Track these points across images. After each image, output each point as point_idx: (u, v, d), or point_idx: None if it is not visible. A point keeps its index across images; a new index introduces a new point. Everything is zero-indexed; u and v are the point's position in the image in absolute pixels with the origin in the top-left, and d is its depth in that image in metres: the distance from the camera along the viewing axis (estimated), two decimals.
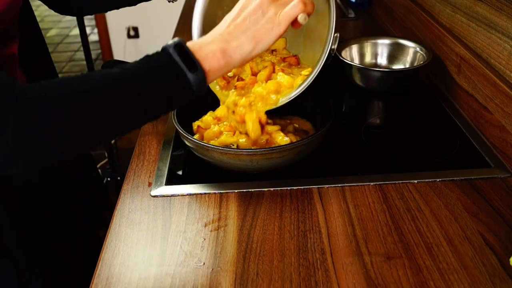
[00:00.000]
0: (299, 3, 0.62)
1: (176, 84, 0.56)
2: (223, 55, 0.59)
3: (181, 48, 0.56)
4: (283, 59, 0.82)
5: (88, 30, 3.70)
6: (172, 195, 0.76)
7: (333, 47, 0.73)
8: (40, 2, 0.89)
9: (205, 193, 0.76)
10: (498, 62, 0.85)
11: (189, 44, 0.58)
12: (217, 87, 0.81)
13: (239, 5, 0.63)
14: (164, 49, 0.56)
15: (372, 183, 0.77)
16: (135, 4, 0.95)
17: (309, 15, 0.64)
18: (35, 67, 0.84)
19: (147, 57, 0.56)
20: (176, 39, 0.57)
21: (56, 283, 0.88)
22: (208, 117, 0.85)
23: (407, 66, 1.12)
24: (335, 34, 0.72)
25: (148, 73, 0.55)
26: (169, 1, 1.08)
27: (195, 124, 0.86)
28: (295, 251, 0.65)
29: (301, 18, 0.63)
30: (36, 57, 0.85)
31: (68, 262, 0.92)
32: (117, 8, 0.96)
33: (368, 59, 1.16)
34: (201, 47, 0.58)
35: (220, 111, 0.84)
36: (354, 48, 1.15)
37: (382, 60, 1.16)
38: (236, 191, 0.76)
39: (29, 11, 0.83)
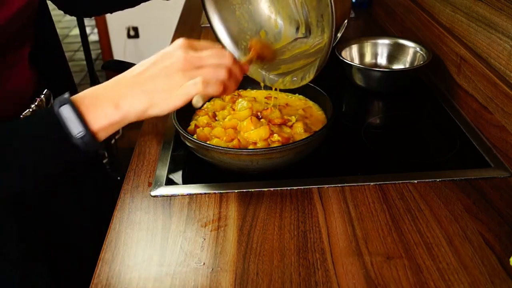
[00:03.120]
0: (199, 83, 0.57)
1: (63, 149, 0.55)
2: (115, 111, 0.56)
3: (68, 109, 0.54)
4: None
5: (88, 30, 3.70)
6: (172, 195, 0.76)
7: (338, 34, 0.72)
8: None
9: (205, 193, 0.76)
10: (498, 62, 0.85)
11: (80, 97, 0.56)
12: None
13: (153, 58, 0.59)
14: (52, 110, 0.55)
15: (372, 183, 0.77)
16: (137, 5, 0.96)
17: (218, 95, 0.60)
18: (50, 69, 0.84)
19: (36, 117, 0.57)
20: (65, 96, 0.55)
21: (59, 284, 0.88)
22: (203, 118, 0.86)
23: (407, 66, 1.12)
24: (344, 22, 0.71)
25: (32, 138, 0.55)
26: None
27: (192, 124, 0.86)
28: (295, 251, 0.65)
29: (194, 100, 0.58)
30: (51, 59, 0.85)
31: (72, 263, 0.92)
32: (121, 10, 0.96)
33: (368, 59, 1.16)
34: (93, 102, 0.56)
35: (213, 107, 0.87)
36: (354, 48, 1.15)
37: (382, 60, 1.16)
38: (236, 191, 0.76)
39: (46, 15, 0.83)
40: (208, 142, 0.76)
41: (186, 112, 0.88)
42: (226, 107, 0.89)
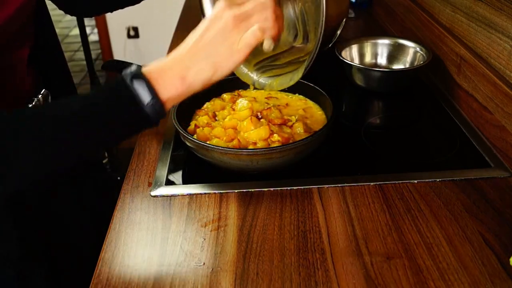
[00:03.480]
0: (257, 31, 0.59)
1: (134, 116, 0.57)
2: (182, 82, 0.58)
3: (138, 78, 0.56)
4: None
5: (88, 30, 3.69)
6: (172, 195, 0.76)
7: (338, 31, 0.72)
8: None
9: (205, 193, 0.76)
10: (498, 62, 0.85)
11: (147, 71, 0.58)
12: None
13: (203, 26, 0.61)
14: (122, 80, 0.56)
15: (372, 183, 0.77)
16: (137, 3, 0.96)
17: (275, 38, 0.62)
18: (49, 69, 0.84)
19: (106, 87, 0.58)
20: (134, 67, 0.57)
21: (59, 284, 0.88)
22: (203, 118, 0.86)
23: (407, 66, 1.12)
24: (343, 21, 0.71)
25: (105, 107, 0.57)
26: None
27: (192, 124, 0.86)
28: (295, 251, 0.65)
29: (265, 45, 0.61)
30: (51, 59, 0.85)
31: (72, 263, 0.92)
32: (122, 8, 0.96)
33: (368, 59, 1.16)
34: (161, 75, 0.58)
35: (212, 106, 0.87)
36: (354, 48, 1.15)
37: (382, 60, 1.16)
38: (236, 191, 0.76)
39: (45, 14, 0.83)
40: (208, 142, 0.76)
41: (186, 112, 0.88)
42: (226, 107, 0.89)
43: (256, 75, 0.82)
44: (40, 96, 0.78)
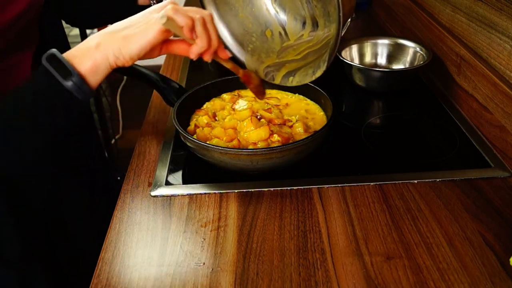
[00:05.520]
0: (169, 9, 0.62)
1: (59, 96, 0.60)
2: (96, 50, 0.61)
3: (53, 58, 0.60)
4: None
5: (88, 30, 3.69)
6: (172, 195, 0.76)
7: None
8: None
9: (205, 193, 0.76)
10: (498, 62, 0.85)
11: (66, 52, 0.61)
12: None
13: (141, 13, 0.65)
14: (42, 65, 0.60)
15: (372, 183, 0.77)
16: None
17: (187, 33, 0.64)
18: None
19: (33, 74, 0.62)
20: (51, 50, 0.60)
21: (59, 285, 0.88)
22: (203, 118, 0.86)
23: (407, 66, 1.12)
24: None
25: (33, 93, 0.61)
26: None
27: (192, 124, 0.86)
28: (295, 251, 0.65)
29: (160, 16, 0.62)
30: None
31: (72, 263, 0.92)
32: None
33: (368, 59, 1.16)
34: (77, 49, 0.62)
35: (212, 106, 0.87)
36: (354, 48, 1.15)
37: (382, 60, 1.16)
38: (236, 191, 0.76)
39: (52, 15, 0.84)
40: (208, 142, 0.76)
41: (186, 112, 0.88)
42: (226, 107, 0.89)
43: (272, 71, 0.82)
44: None
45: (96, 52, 0.61)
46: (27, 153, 0.64)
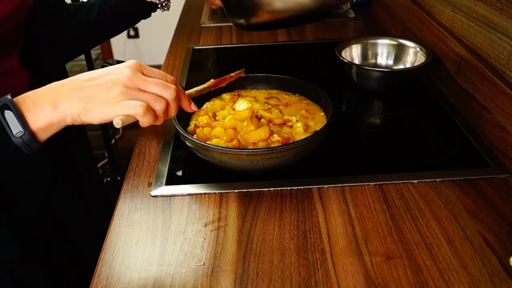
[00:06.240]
0: (140, 108, 0.59)
1: (4, 147, 0.57)
2: (53, 111, 0.58)
3: (8, 109, 0.56)
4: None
5: None
6: (172, 195, 0.76)
7: None
8: None
9: (205, 193, 0.76)
10: (498, 62, 0.85)
11: (23, 97, 0.58)
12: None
13: (105, 69, 0.61)
14: None
15: (372, 183, 0.77)
16: (136, 24, 1.01)
17: (150, 123, 0.61)
18: (44, 70, 0.84)
19: None
20: (7, 97, 0.57)
21: (59, 285, 0.88)
22: (203, 118, 0.86)
23: (407, 66, 1.12)
24: None
25: None
26: (162, 10, 1.12)
27: (192, 124, 0.86)
28: (295, 251, 0.65)
29: (116, 120, 0.59)
30: (46, 61, 0.85)
31: (72, 263, 0.92)
32: (121, 32, 1.03)
33: (368, 59, 1.16)
34: (34, 102, 0.58)
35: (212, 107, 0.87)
36: (354, 48, 1.15)
37: (382, 60, 1.16)
38: (236, 191, 0.76)
39: (40, 18, 0.83)
40: (208, 142, 0.76)
41: (186, 112, 0.88)
42: (226, 107, 0.89)
43: None
44: None
45: (53, 113, 0.58)
46: None
